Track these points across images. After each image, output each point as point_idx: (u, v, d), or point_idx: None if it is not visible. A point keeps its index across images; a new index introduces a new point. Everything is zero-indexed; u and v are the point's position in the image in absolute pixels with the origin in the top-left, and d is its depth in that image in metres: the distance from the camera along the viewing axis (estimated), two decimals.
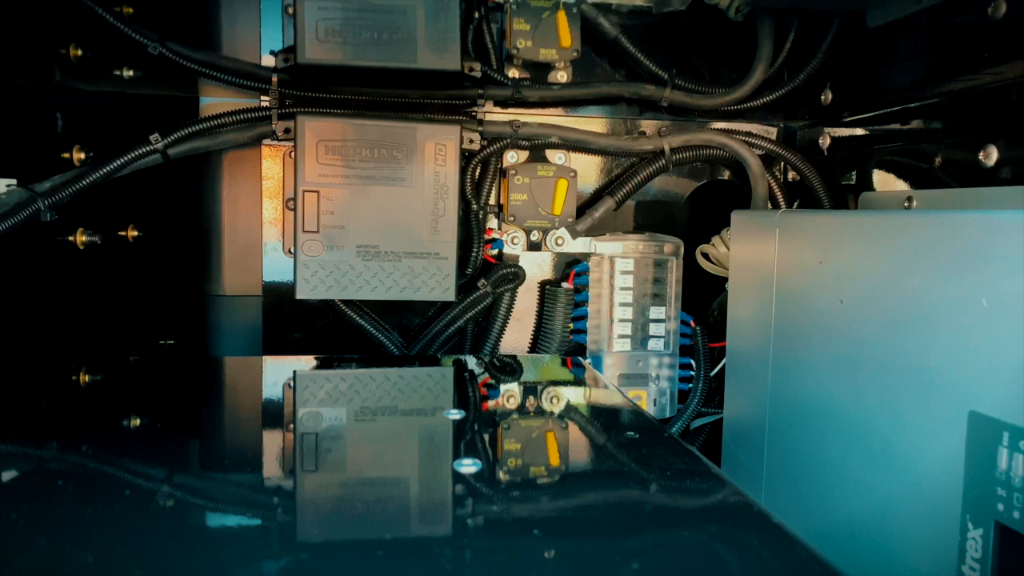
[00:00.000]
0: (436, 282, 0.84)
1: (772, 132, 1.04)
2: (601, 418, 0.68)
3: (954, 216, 0.52)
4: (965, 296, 0.50)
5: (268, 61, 0.90)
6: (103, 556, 0.37)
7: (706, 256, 0.98)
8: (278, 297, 0.95)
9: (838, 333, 0.64)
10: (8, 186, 0.78)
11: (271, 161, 0.94)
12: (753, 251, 0.80)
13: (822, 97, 0.95)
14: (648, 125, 1.01)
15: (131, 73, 0.98)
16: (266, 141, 0.91)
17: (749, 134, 0.99)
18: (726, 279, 0.94)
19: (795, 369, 0.72)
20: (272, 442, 0.59)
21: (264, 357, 0.93)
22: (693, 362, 1.00)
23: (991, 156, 0.68)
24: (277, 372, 0.79)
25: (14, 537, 0.38)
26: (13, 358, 0.78)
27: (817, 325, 0.67)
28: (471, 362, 0.82)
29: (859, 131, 0.91)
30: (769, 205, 0.99)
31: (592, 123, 1.00)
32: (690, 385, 1.00)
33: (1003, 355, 0.47)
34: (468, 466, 0.50)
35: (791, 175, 1.02)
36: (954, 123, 0.75)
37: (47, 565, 0.36)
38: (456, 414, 0.62)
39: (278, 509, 0.45)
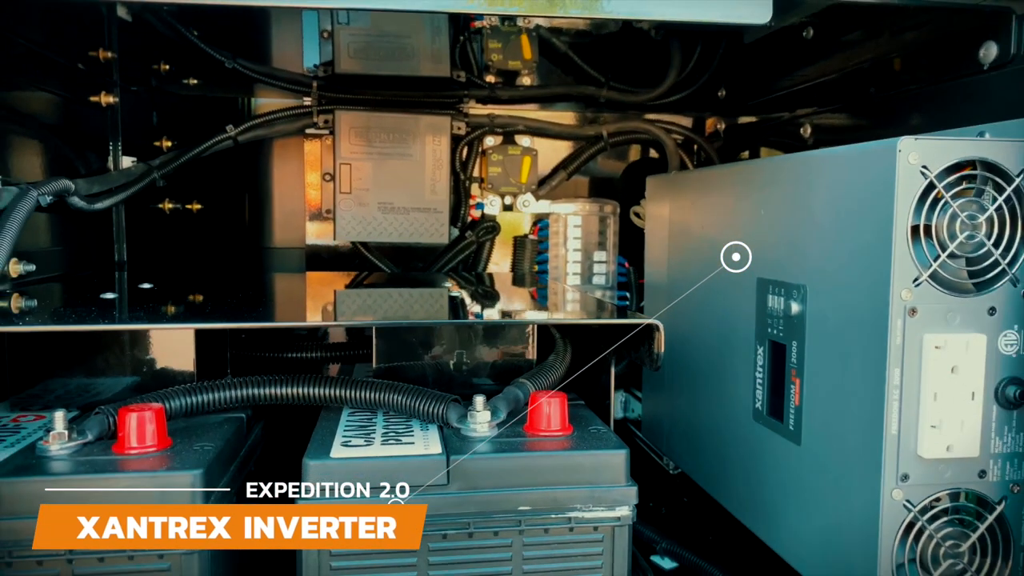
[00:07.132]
0: (435, 229, 1.17)
1: (688, 121, 1.37)
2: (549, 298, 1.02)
3: (749, 164, 0.85)
4: (753, 209, 0.82)
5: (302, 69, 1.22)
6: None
7: (637, 215, 1.31)
8: (317, 248, 1.28)
9: (699, 251, 0.96)
10: (133, 162, 1.10)
11: (311, 146, 1.26)
12: (657, 206, 1.13)
13: (719, 94, 1.28)
14: (594, 116, 1.34)
15: (195, 81, 1.30)
16: (308, 131, 1.23)
17: (672, 123, 1.32)
18: None
19: (678, 287, 1.04)
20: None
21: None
22: (628, 294, 1.32)
23: (808, 131, 1.01)
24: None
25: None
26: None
27: (689, 251, 1.00)
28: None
29: (745, 119, 1.24)
30: None
31: (554, 115, 1.33)
32: None
33: (769, 242, 0.79)
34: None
35: (703, 155, 1.35)
36: (792, 111, 1.08)
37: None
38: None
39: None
